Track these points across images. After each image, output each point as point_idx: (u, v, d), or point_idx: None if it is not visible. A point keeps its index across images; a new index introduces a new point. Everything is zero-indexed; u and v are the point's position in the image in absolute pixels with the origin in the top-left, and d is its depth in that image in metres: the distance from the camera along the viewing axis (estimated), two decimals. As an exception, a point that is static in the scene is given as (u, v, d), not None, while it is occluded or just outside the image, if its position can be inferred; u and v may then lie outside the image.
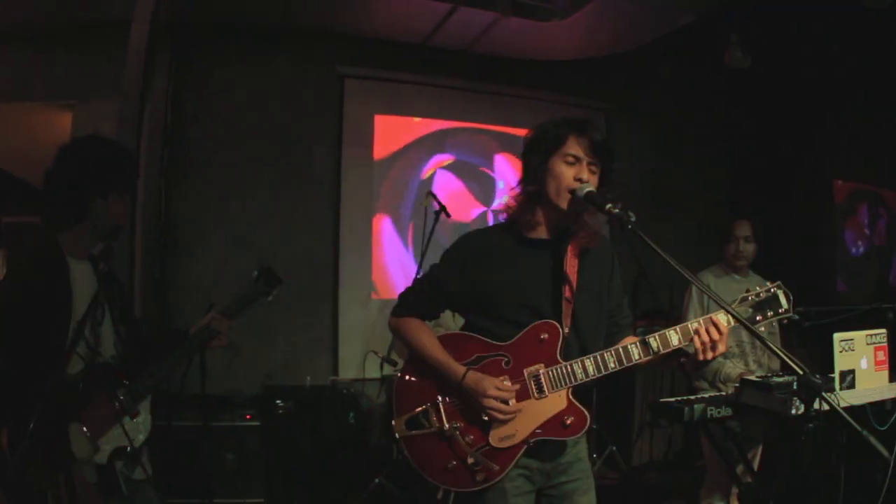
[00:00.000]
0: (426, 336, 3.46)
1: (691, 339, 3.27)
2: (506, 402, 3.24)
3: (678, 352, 3.35)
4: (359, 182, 8.98)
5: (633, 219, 3.07)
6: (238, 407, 7.11)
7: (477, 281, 3.38)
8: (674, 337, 3.31)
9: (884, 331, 4.63)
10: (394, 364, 7.40)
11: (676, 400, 4.69)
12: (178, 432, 6.62)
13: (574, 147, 3.28)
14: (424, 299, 3.54)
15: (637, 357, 3.30)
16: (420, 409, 3.40)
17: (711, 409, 4.50)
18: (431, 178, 9.21)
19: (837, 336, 4.41)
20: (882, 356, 4.57)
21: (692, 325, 3.30)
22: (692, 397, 4.80)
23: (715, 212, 10.25)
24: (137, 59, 7.22)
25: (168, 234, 8.13)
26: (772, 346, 2.79)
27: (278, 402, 7.22)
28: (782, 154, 9.94)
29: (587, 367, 3.29)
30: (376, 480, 7.00)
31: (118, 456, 3.40)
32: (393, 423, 3.44)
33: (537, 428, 3.30)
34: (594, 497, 3.52)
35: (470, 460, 3.28)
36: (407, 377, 3.50)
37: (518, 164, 3.71)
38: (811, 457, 2.96)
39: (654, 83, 10.32)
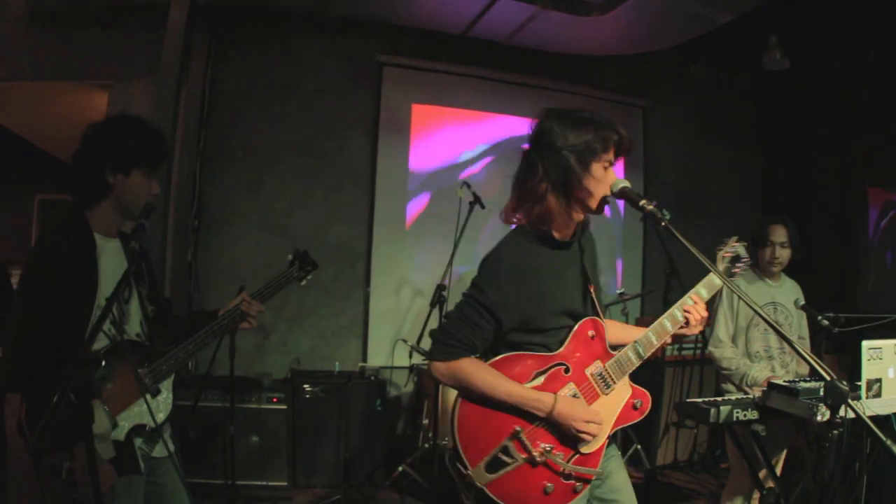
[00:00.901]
0: (490, 373, 3.17)
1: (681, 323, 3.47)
2: (596, 423, 3.18)
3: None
4: (394, 170, 8.99)
5: (667, 216, 3.07)
6: (265, 390, 7.14)
7: (526, 297, 3.19)
8: (678, 314, 3.47)
9: (914, 339, 4.60)
10: (423, 353, 7.38)
11: (703, 401, 4.69)
12: (204, 412, 6.70)
13: (611, 155, 3.23)
14: (478, 332, 3.20)
15: (670, 329, 3.44)
16: (498, 446, 3.13)
17: (738, 412, 4.50)
18: (466, 168, 9.20)
19: (866, 344, 4.38)
20: (911, 365, 4.54)
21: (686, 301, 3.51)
22: (719, 399, 4.80)
23: (748, 213, 10.22)
24: (175, 41, 7.23)
25: (201, 217, 8.19)
26: (800, 349, 2.79)
27: (306, 386, 7.25)
28: (817, 158, 9.86)
29: (638, 350, 3.37)
30: (400, 468, 7.02)
31: (137, 433, 3.40)
32: (470, 473, 3.09)
33: (615, 421, 3.34)
34: (625, 471, 3.56)
35: (565, 471, 3.17)
36: (470, 418, 3.18)
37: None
38: (834, 464, 2.94)
39: (691, 82, 10.28)
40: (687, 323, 3.46)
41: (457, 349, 3.20)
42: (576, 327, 3.29)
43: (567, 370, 3.25)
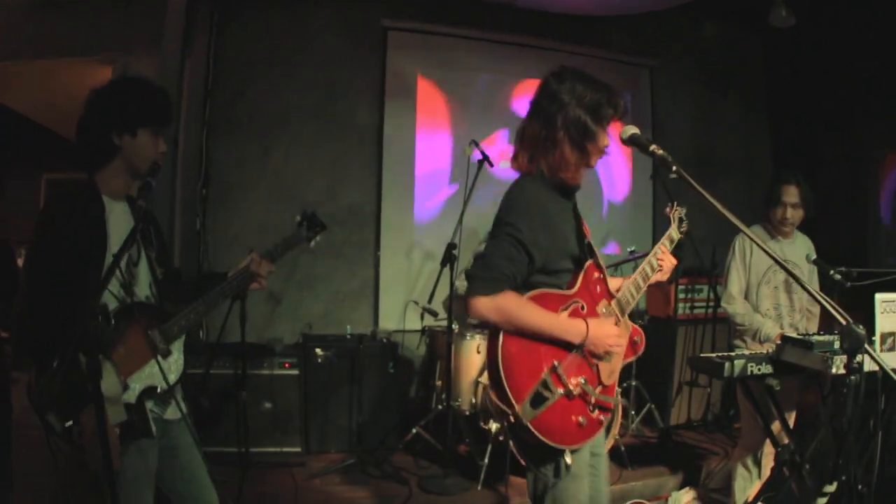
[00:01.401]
0: (531, 305, 3.23)
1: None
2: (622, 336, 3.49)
3: None
4: (401, 134, 8.97)
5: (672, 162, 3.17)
6: (277, 355, 7.14)
7: (549, 237, 3.31)
8: (654, 261, 3.84)
9: (927, 293, 4.56)
10: (434, 315, 7.40)
11: (717, 356, 4.68)
12: (216, 380, 6.71)
13: (606, 136, 3.42)
14: (518, 265, 3.25)
15: (650, 273, 3.82)
16: (538, 381, 3.19)
17: (752, 366, 4.49)
18: (473, 129, 9.06)
19: (879, 297, 4.35)
20: (924, 319, 4.51)
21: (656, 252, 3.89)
22: (732, 353, 4.79)
23: (757, 173, 10.18)
24: (178, 13, 7.23)
25: (209, 186, 8.17)
26: (815, 293, 2.79)
27: (318, 350, 7.25)
28: (826, 119, 9.79)
29: (632, 290, 3.66)
30: (414, 431, 7.01)
31: (148, 396, 3.40)
32: (517, 412, 3.12)
33: (623, 355, 3.57)
34: None
35: (593, 401, 3.33)
36: (512, 355, 3.19)
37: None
38: (852, 412, 2.93)
39: (699, 42, 10.23)
40: (661, 269, 3.84)
41: (501, 282, 3.22)
42: (584, 269, 3.43)
43: (583, 307, 3.39)
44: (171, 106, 3.67)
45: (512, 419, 3.16)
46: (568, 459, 3.26)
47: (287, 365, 7.07)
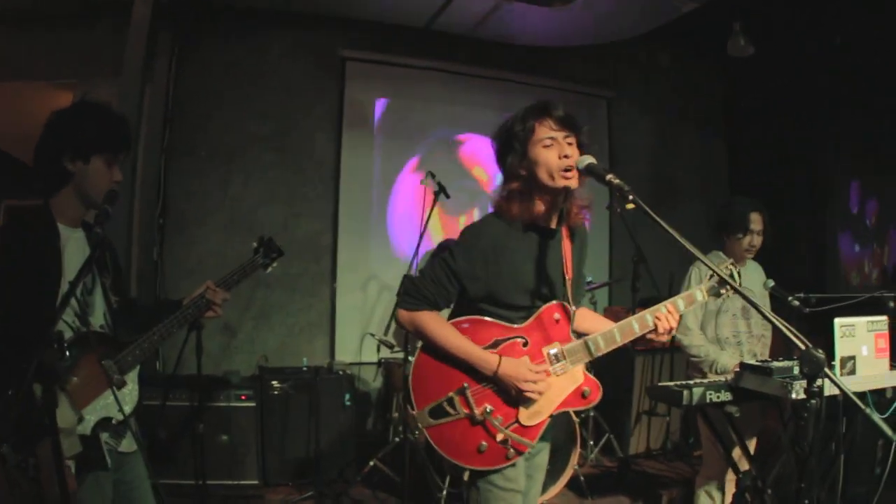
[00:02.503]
0: (447, 328, 3.43)
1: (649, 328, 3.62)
2: (538, 382, 3.38)
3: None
4: (359, 165, 8.97)
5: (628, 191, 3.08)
6: (233, 387, 7.07)
7: (493, 273, 3.41)
8: (649, 318, 3.61)
9: (885, 318, 4.60)
10: (390, 347, 7.40)
11: (676, 384, 4.68)
12: (172, 412, 6.61)
13: (544, 130, 3.38)
14: (441, 291, 3.47)
15: (637, 331, 3.57)
16: (444, 397, 3.39)
17: (710, 393, 4.49)
18: (430, 160, 9.11)
19: (838, 321, 4.38)
20: (883, 343, 4.54)
21: (660, 308, 3.64)
22: (691, 382, 4.79)
23: (715, 200, 10.25)
24: (139, 39, 7.21)
25: (167, 214, 8.10)
26: (775, 319, 2.78)
27: (274, 382, 7.19)
28: (783, 143, 9.89)
29: (599, 343, 3.52)
30: (371, 463, 6.96)
31: (103, 427, 3.34)
32: (413, 413, 3.41)
33: (561, 402, 3.50)
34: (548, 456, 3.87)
35: (500, 437, 3.36)
36: (424, 366, 3.46)
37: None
38: (813, 435, 2.93)
39: (656, 71, 10.33)
40: (655, 329, 3.61)
41: (420, 303, 3.49)
42: (542, 308, 3.52)
43: (525, 344, 3.48)
44: (129, 134, 3.60)
45: (410, 421, 3.41)
46: (465, 475, 3.47)
47: (244, 397, 6.98)
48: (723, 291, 3.85)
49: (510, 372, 3.33)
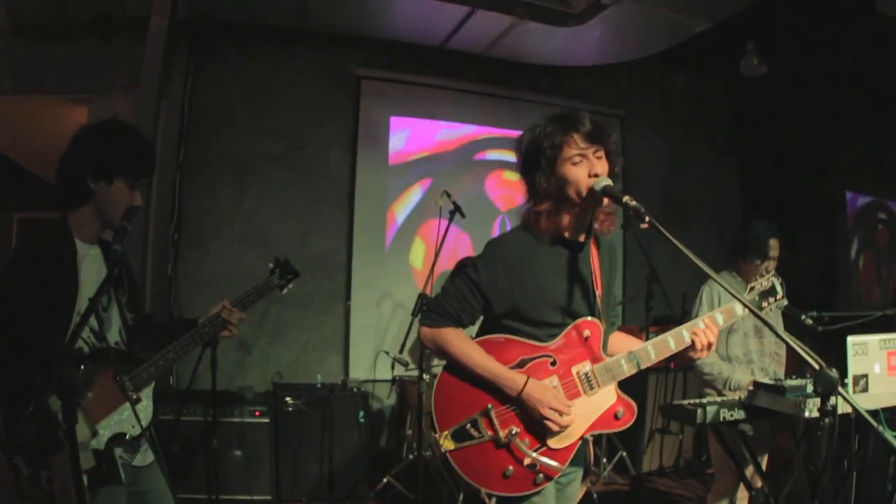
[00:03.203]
0: (471, 346, 3.28)
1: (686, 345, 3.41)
2: (563, 413, 3.19)
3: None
4: (373, 183, 8.99)
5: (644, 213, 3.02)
6: (247, 403, 7.09)
7: (517, 285, 3.28)
8: (685, 334, 3.40)
9: (897, 336, 4.61)
10: (405, 364, 7.40)
11: (689, 402, 4.69)
12: (186, 427, 6.64)
13: (574, 146, 3.25)
14: (465, 306, 3.34)
15: (674, 347, 3.39)
16: (468, 418, 3.23)
17: (724, 412, 4.49)
18: (445, 179, 9.12)
19: (851, 339, 4.39)
20: (895, 361, 4.55)
21: (697, 323, 3.42)
22: (704, 400, 4.80)
23: (726, 220, 10.25)
24: (155, 55, 7.23)
25: (181, 230, 8.14)
26: (789, 339, 2.78)
27: (288, 399, 7.21)
28: (795, 163, 9.90)
29: (633, 360, 3.35)
30: (385, 480, 6.99)
31: (117, 442, 3.34)
32: (435, 437, 3.24)
33: (591, 424, 3.33)
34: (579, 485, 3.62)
35: (527, 461, 3.20)
36: (447, 387, 3.31)
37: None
38: (826, 454, 2.94)
39: (669, 90, 10.34)
40: (693, 346, 3.41)
41: (443, 319, 3.35)
42: (571, 325, 3.32)
43: (553, 363, 3.29)
44: (153, 160, 3.62)
45: (433, 444, 3.23)
46: (490, 501, 3.31)
47: (258, 413, 7.01)
48: (764, 305, 3.71)
49: (536, 394, 3.17)
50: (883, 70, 8.38)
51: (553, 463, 3.23)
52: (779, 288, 3.71)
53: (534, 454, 3.20)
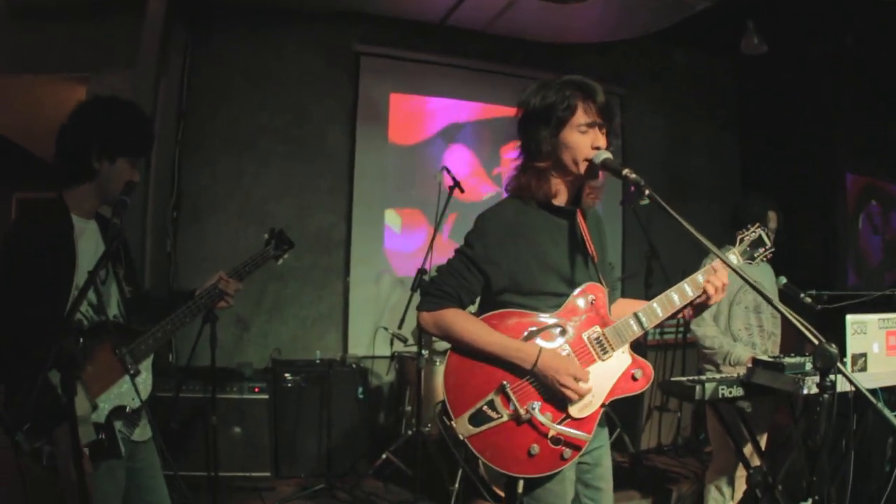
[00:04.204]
0: (476, 324, 3.21)
1: (700, 289, 3.35)
2: (580, 380, 3.14)
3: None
4: (373, 158, 8.97)
5: (647, 201, 3.01)
6: (246, 380, 7.10)
7: (512, 255, 3.22)
8: (700, 278, 3.37)
9: (896, 315, 4.61)
10: (403, 341, 7.41)
11: (688, 379, 4.70)
12: (185, 403, 6.66)
13: (585, 116, 3.20)
14: (463, 283, 3.26)
15: (678, 302, 3.35)
16: (483, 400, 3.15)
17: (723, 388, 4.51)
18: (445, 155, 9.20)
19: (850, 318, 4.40)
20: (894, 341, 4.56)
21: (698, 276, 3.39)
22: (703, 377, 4.81)
23: (729, 194, 10.23)
24: (153, 32, 7.21)
25: (180, 207, 8.14)
26: (788, 313, 2.77)
27: (287, 375, 7.23)
28: (795, 143, 9.88)
29: (640, 319, 3.29)
30: (384, 456, 6.99)
31: (117, 416, 3.37)
32: (453, 424, 3.13)
33: (612, 389, 3.26)
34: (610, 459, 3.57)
35: (552, 434, 3.12)
36: (457, 370, 3.22)
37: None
38: (825, 430, 2.93)
39: (670, 68, 10.31)
40: (706, 292, 3.36)
41: (442, 300, 3.27)
42: (576, 291, 3.27)
43: (563, 332, 3.24)
44: (153, 137, 3.66)
45: (451, 432, 3.13)
46: (518, 488, 3.24)
47: (257, 389, 7.02)
48: (756, 255, 3.61)
49: (552, 363, 3.10)
50: (883, 52, 8.36)
51: (579, 433, 3.16)
52: (766, 239, 3.62)
53: (559, 426, 3.14)
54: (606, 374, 3.26)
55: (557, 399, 3.16)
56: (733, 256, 3.52)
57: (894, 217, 10.36)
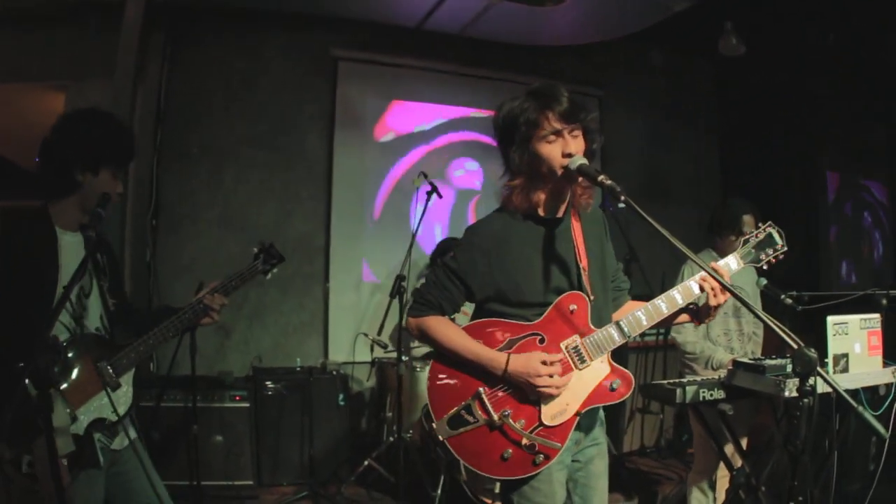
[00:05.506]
0: (454, 332, 3.32)
1: (692, 297, 3.39)
2: (554, 375, 3.18)
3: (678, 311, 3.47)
4: (351, 164, 8.94)
5: (622, 204, 3.01)
6: (227, 388, 7.07)
7: (497, 268, 3.30)
8: (693, 285, 3.39)
9: (877, 315, 4.62)
10: (383, 346, 7.42)
11: (669, 382, 4.70)
12: (166, 413, 6.62)
13: (549, 124, 3.20)
14: (447, 294, 3.38)
15: (665, 311, 3.38)
16: (461, 405, 3.26)
17: (704, 391, 4.51)
18: (423, 160, 9.18)
19: (831, 319, 4.40)
20: (875, 341, 4.56)
21: (690, 283, 3.41)
22: (684, 380, 4.81)
23: (707, 199, 10.25)
24: (131, 40, 7.19)
25: (159, 215, 8.09)
26: (766, 318, 2.78)
27: (268, 383, 7.21)
28: (775, 143, 9.91)
29: (622, 328, 3.31)
30: (366, 462, 7.00)
31: (96, 427, 3.37)
32: (433, 426, 3.29)
33: (587, 398, 3.29)
34: (607, 460, 3.61)
35: (525, 442, 3.19)
36: (439, 375, 3.34)
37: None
38: (806, 434, 2.94)
39: (648, 70, 10.33)
40: (702, 293, 3.38)
41: (425, 308, 3.41)
42: (556, 300, 3.29)
43: (542, 340, 3.28)
44: (134, 147, 3.66)
45: (431, 433, 3.22)
46: (496, 488, 3.33)
47: (238, 398, 7.00)
48: (763, 257, 3.62)
49: (520, 368, 3.16)
50: (864, 50, 8.40)
51: (551, 442, 3.22)
52: (777, 237, 3.64)
53: (530, 435, 3.21)
54: (583, 384, 3.30)
55: (531, 406, 3.24)
56: (733, 260, 3.55)
57: (867, 212, 10.43)
